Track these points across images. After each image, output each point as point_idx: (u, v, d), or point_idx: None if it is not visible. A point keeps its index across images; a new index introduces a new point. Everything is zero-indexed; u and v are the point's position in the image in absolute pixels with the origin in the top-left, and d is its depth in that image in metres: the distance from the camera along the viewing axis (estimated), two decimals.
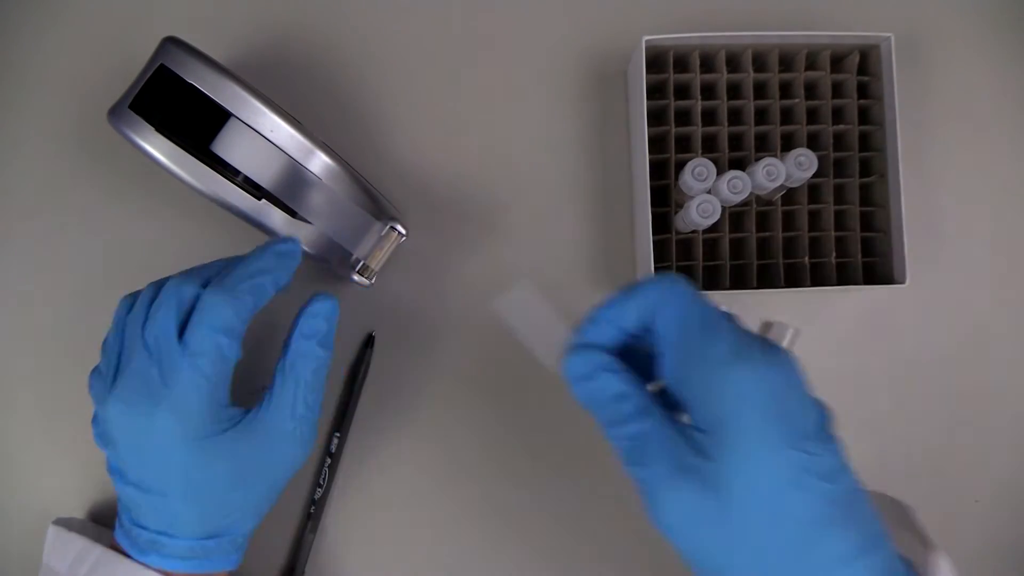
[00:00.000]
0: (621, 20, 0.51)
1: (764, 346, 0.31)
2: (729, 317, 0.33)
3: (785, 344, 0.48)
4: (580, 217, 0.50)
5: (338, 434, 0.47)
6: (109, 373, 0.37)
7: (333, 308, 0.40)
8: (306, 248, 0.43)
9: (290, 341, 0.39)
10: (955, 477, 0.50)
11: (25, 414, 0.48)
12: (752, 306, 0.50)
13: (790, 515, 0.28)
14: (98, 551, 0.39)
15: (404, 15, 0.51)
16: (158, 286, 0.38)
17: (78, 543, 0.40)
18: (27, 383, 0.48)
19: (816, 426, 0.30)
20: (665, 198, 0.48)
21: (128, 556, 0.38)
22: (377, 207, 0.44)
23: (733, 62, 0.48)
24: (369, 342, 0.48)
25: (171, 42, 0.41)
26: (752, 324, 0.49)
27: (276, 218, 0.42)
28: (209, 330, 0.35)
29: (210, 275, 0.38)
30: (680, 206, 0.47)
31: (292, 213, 0.42)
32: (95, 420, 0.38)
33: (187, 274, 0.38)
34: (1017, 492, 0.50)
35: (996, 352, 0.51)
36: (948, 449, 0.50)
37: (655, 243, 0.45)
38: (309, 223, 0.42)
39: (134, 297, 0.39)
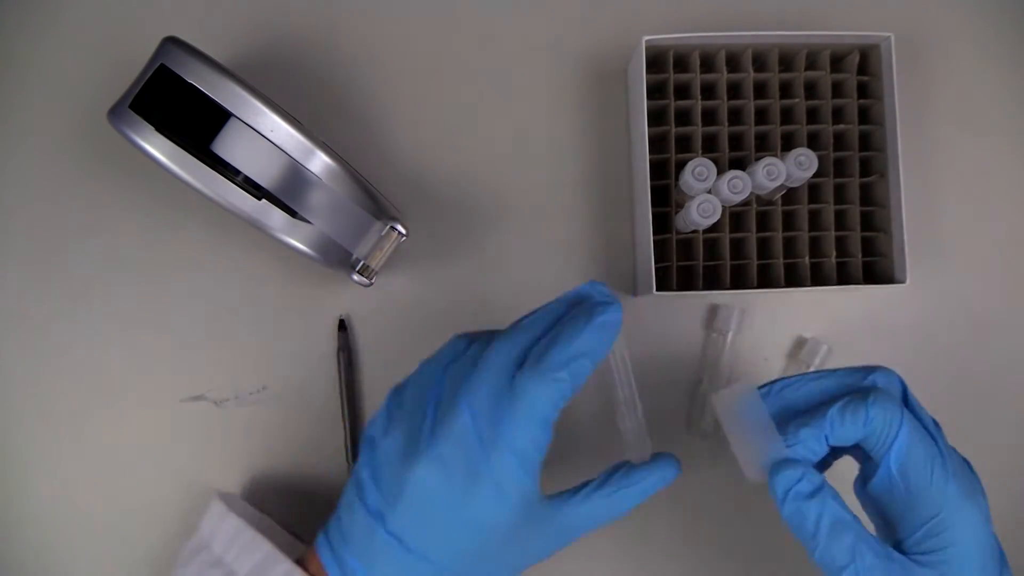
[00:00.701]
0: (621, 20, 0.51)
1: (976, 482, 0.36)
2: (942, 439, 0.36)
3: (817, 362, 0.49)
4: (580, 217, 0.50)
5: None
6: (417, 422, 0.35)
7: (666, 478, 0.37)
8: (306, 248, 0.43)
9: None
10: None
11: (24, 414, 0.48)
12: (753, 306, 0.50)
13: None
14: (285, 567, 0.36)
15: (404, 15, 0.51)
16: (483, 344, 0.36)
17: (264, 547, 0.37)
18: (27, 383, 0.48)
19: (1002, 555, 0.36)
20: (665, 198, 0.48)
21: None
22: (377, 207, 0.44)
23: (733, 62, 0.48)
24: (341, 326, 0.48)
25: (171, 42, 0.41)
26: (760, 327, 0.50)
27: (276, 218, 0.42)
28: (527, 423, 0.33)
29: (530, 341, 0.35)
30: (680, 206, 0.47)
31: (292, 213, 0.42)
32: (367, 460, 0.36)
33: (511, 341, 0.35)
34: (1017, 492, 0.50)
35: (996, 352, 0.51)
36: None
37: (655, 243, 0.45)
38: (309, 223, 0.42)
39: (465, 343, 0.37)
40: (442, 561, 0.34)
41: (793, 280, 0.47)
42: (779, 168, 0.43)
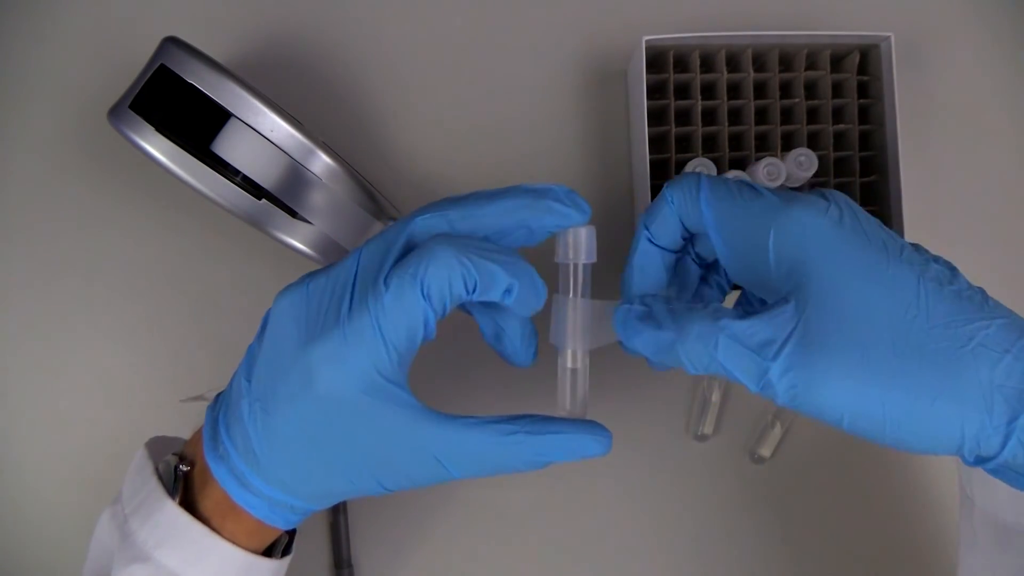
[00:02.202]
0: (621, 20, 0.51)
1: (804, 196, 0.31)
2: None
3: None
4: None
5: None
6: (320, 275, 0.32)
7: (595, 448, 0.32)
8: (306, 248, 0.43)
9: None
10: (955, 477, 0.50)
11: (25, 414, 0.48)
12: None
13: (934, 319, 0.28)
14: (151, 484, 0.34)
15: (404, 15, 0.51)
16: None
17: (146, 470, 0.34)
18: (27, 383, 0.48)
19: (908, 247, 0.30)
20: None
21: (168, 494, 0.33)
22: (377, 207, 0.44)
23: (733, 62, 0.48)
24: None
25: (171, 42, 0.41)
26: None
27: (276, 218, 0.42)
28: (406, 291, 0.29)
29: (460, 218, 0.31)
30: None
31: (292, 213, 0.42)
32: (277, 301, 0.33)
33: (440, 209, 0.32)
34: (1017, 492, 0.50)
35: None
36: None
37: None
38: (309, 223, 0.42)
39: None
40: (288, 429, 0.30)
41: None
42: (779, 168, 0.43)
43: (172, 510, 0.33)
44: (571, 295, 0.33)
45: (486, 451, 0.31)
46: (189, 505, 0.33)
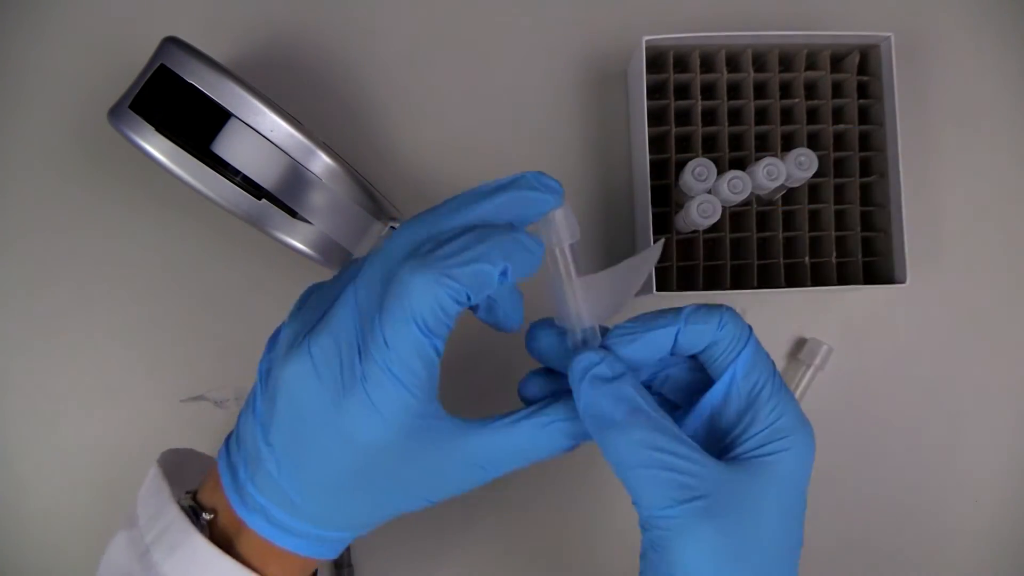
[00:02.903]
0: (621, 20, 0.51)
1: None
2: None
3: (818, 361, 0.48)
4: (580, 217, 0.50)
5: None
6: (316, 313, 0.31)
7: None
8: (306, 248, 0.43)
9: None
10: (955, 477, 0.50)
11: (24, 414, 0.48)
12: (753, 306, 0.50)
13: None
14: (172, 513, 0.32)
15: (404, 15, 0.51)
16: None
17: (163, 495, 0.34)
18: (27, 383, 0.48)
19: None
20: (665, 198, 0.48)
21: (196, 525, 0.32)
22: (377, 207, 0.44)
23: (733, 62, 0.48)
24: None
25: (171, 42, 0.41)
26: (760, 327, 0.49)
27: (276, 218, 0.42)
28: (402, 324, 0.28)
29: (444, 227, 0.30)
30: (680, 206, 0.47)
31: (292, 213, 0.42)
32: (270, 345, 0.33)
33: (418, 223, 0.30)
34: (1017, 492, 0.50)
35: (996, 352, 0.51)
36: (948, 449, 0.50)
37: (655, 242, 0.45)
38: (309, 223, 0.42)
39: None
40: (328, 480, 0.30)
41: (793, 280, 0.47)
42: (779, 168, 0.43)
43: (207, 550, 0.32)
44: (565, 278, 0.33)
45: (528, 447, 0.31)
46: (222, 549, 0.32)
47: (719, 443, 0.33)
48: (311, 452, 0.30)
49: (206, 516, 0.33)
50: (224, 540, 0.32)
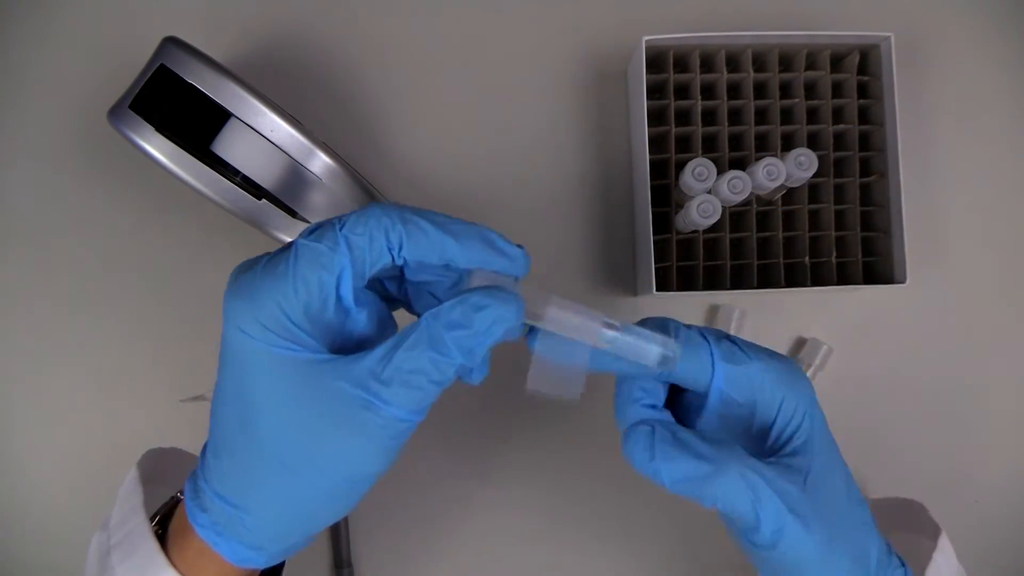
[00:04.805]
0: (621, 20, 0.51)
1: (787, 362, 0.34)
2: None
3: (818, 361, 0.49)
4: (580, 217, 0.50)
5: None
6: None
7: (508, 315, 0.28)
8: None
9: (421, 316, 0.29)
10: (955, 477, 0.50)
11: (25, 414, 0.48)
12: (753, 306, 0.50)
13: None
14: (138, 519, 0.32)
15: (404, 15, 0.51)
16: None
17: (134, 499, 0.33)
18: (27, 383, 0.48)
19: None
20: (665, 198, 0.48)
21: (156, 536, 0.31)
22: None
23: (733, 62, 0.48)
24: None
25: (171, 42, 0.41)
26: (760, 327, 0.50)
27: (276, 218, 0.42)
28: (331, 227, 0.28)
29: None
30: (680, 206, 0.47)
31: (292, 213, 0.42)
32: None
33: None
34: (1017, 492, 0.50)
35: (996, 351, 0.51)
36: (948, 449, 0.50)
37: (655, 243, 0.45)
38: (309, 223, 0.42)
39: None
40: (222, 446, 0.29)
41: (793, 280, 0.47)
42: (779, 168, 0.43)
43: (155, 557, 0.31)
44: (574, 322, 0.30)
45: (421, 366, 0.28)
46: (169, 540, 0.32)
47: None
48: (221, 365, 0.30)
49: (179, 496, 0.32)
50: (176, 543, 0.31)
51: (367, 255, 0.28)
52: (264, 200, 0.42)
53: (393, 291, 0.32)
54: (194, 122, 0.41)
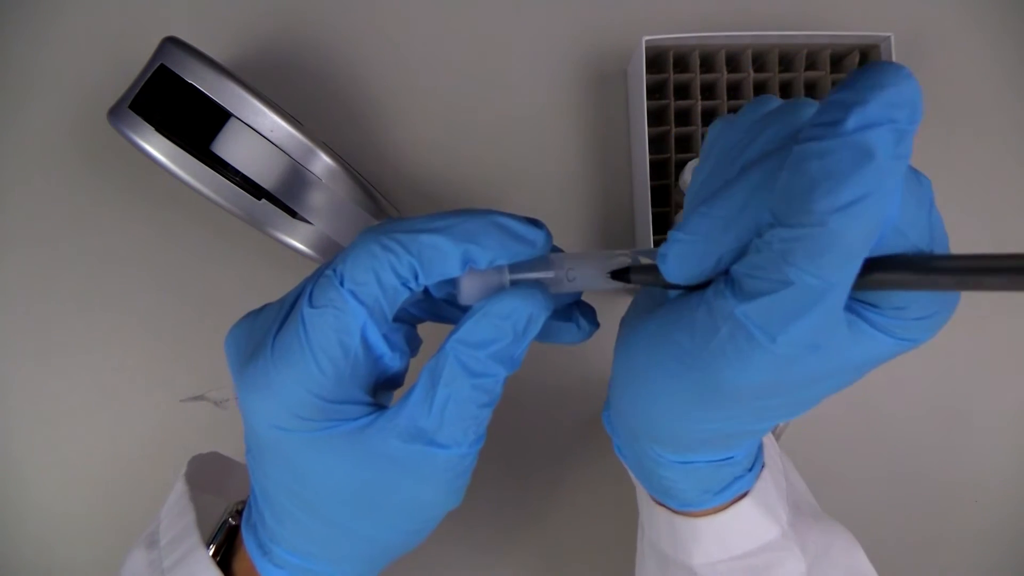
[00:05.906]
0: (621, 20, 0.51)
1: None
2: None
3: None
4: (580, 217, 0.50)
5: None
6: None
7: (534, 306, 0.26)
8: (306, 248, 0.43)
9: (445, 344, 0.26)
10: (955, 477, 0.50)
11: (24, 414, 0.48)
12: None
13: None
14: (192, 540, 0.30)
15: (404, 15, 0.51)
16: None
17: (186, 518, 0.31)
18: (27, 383, 0.48)
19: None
20: (665, 198, 0.48)
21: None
22: (377, 207, 0.44)
23: (733, 62, 0.48)
24: None
25: (171, 42, 0.41)
26: None
27: (276, 218, 0.42)
28: (332, 285, 0.25)
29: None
30: (680, 206, 0.47)
31: (292, 213, 0.42)
32: None
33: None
34: (1017, 492, 0.50)
35: (996, 352, 0.51)
36: (948, 449, 0.50)
37: (655, 243, 0.45)
38: (309, 223, 0.42)
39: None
40: (269, 483, 0.28)
41: None
42: None
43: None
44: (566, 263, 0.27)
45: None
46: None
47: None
48: (268, 467, 0.27)
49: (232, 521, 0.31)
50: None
51: (382, 300, 0.25)
52: (264, 200, 0.42)
53: (420, 314, 0.30)
54: (194, 122, 0.41)
